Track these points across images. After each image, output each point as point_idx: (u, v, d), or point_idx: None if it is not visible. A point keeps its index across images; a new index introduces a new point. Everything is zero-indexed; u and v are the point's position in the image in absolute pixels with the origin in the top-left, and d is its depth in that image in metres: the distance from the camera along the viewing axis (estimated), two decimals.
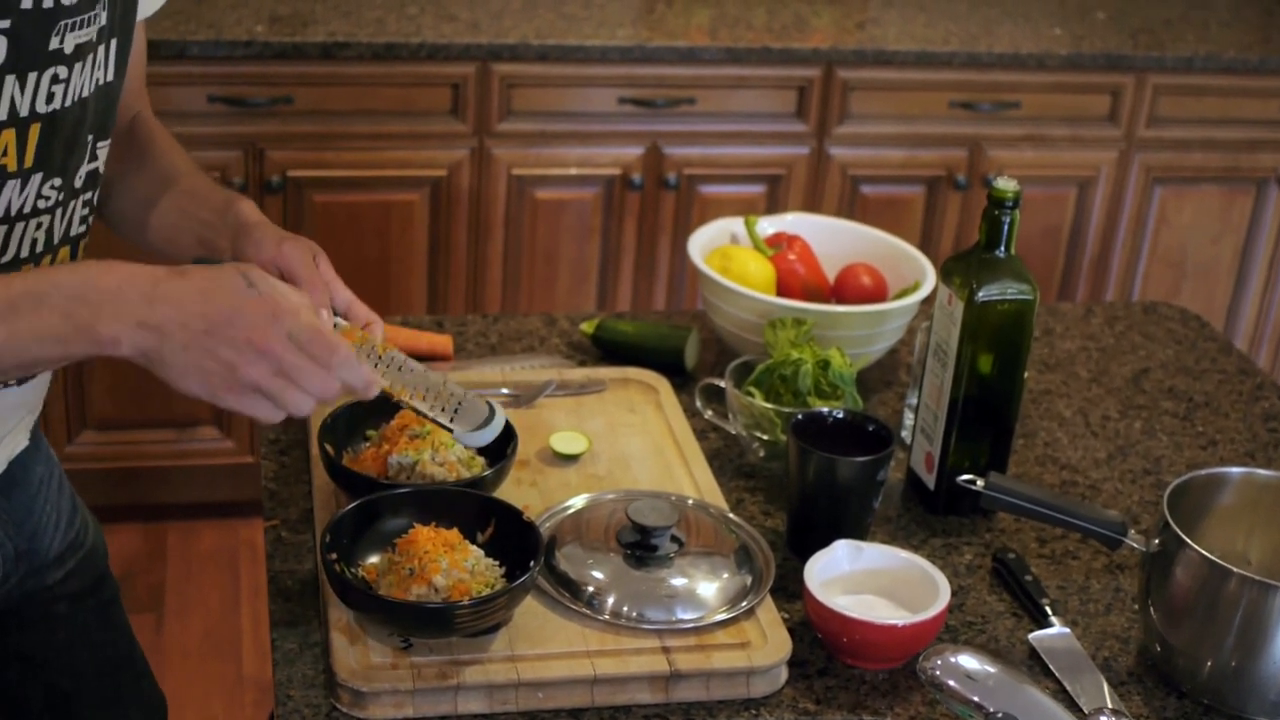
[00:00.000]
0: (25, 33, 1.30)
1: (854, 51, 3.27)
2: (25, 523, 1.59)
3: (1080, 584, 1.66)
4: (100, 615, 1.74)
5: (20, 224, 1.37)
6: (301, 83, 3.10)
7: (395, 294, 3.31)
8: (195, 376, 1.21)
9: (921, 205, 3.47)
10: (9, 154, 1.32)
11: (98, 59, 1.40)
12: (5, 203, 1.34)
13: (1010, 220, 1.67)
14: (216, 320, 1.20)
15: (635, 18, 3.37)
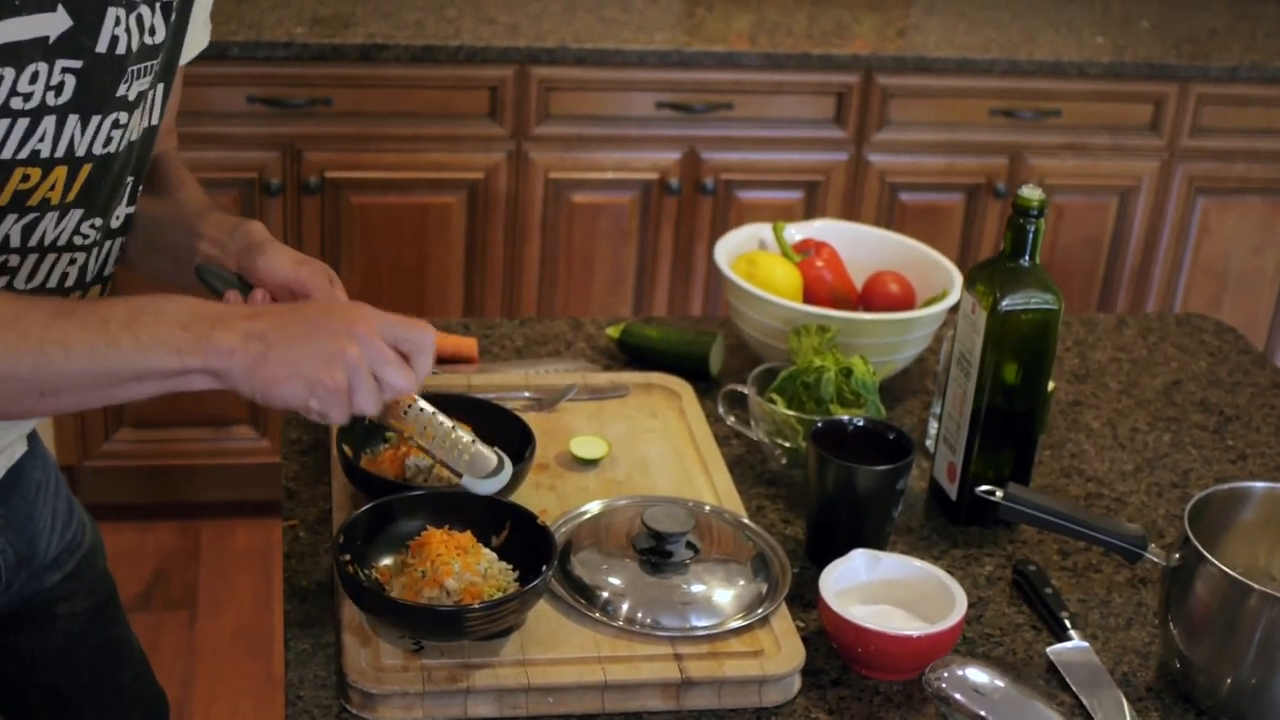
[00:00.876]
0: (95, 76, 1.31)
1: (894, 58, 3.26)
2: (24, 528, 1.59)
3: (1101, 598, 1.64)
4: (98, 615, 1.74)
5: (52, 255, 1.39)
6: (340, 84, 3.11)
7: (431, 296, 3.32)
8: (295, 372, 1.25)
9: (961, 213, 3.45)
10: (56, 188, 1.34)
11: (148, 104, 1.42)
12: (40, 233, 1.36)
13: (1035, 229, 1.65)
14: (313, 318, 1.27)
15: (674, 22, 3.37)
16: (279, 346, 1.25)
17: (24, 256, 1.37)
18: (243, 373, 1.24)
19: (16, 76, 1.25)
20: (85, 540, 1.72)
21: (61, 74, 1.29)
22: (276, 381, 1.25)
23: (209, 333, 1.24)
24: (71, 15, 1.27)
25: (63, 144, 1.32)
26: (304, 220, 3.20)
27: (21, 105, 1.27)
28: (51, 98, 1.29)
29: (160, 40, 1.39)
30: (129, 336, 1.22)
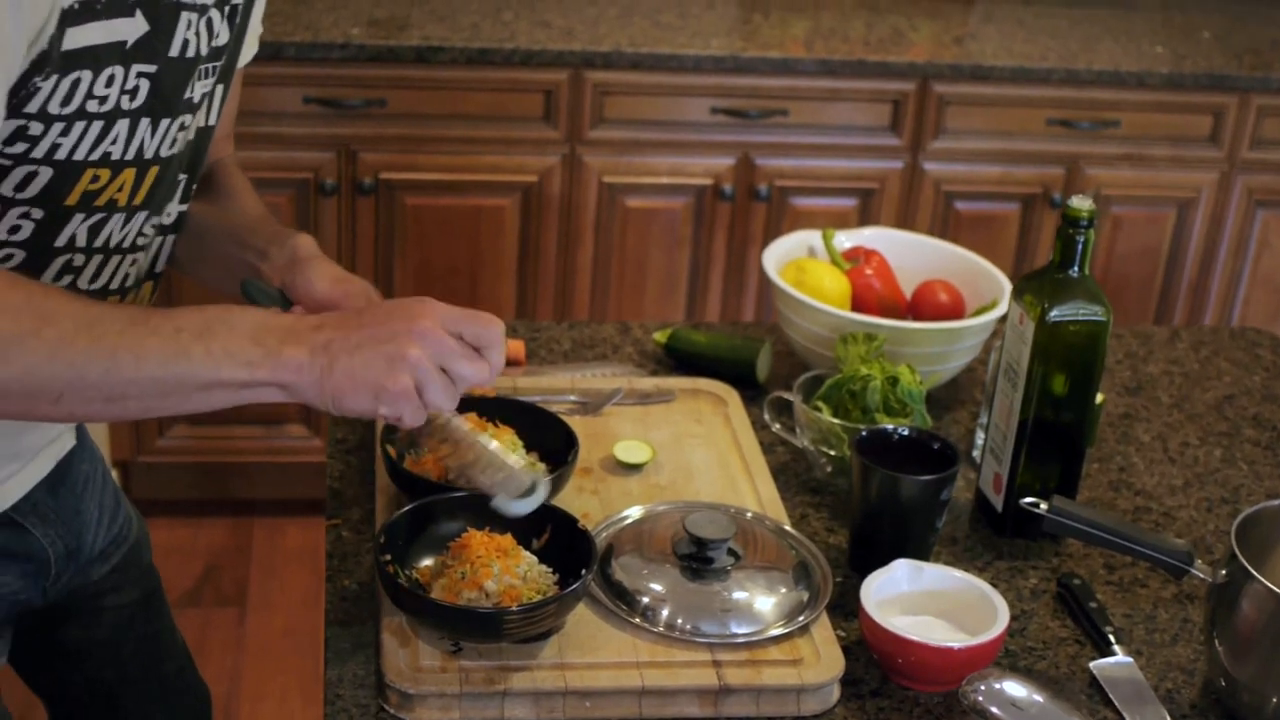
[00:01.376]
0: (167, 80, 1.33)
1: (950, 66, 3.24)
2: (72, 521, 1.60)
3: (1147, 613, 1.62)
4: (144, 608, 1.76)
5: (117, 257, 1.40)
6: (395, 85, 3.12)
7: (484, 299, 3.32)
8: (360, 380, 1.24)
9: (1016, 223, 3.42)
10: (123, 190, 1.36)
11: (208, 104, 1.44)
12: (107, 234, 1.38)
13: (1085, 239, 1.64)
14: (374, 323, 1.26)
15: (730, 28, 3.36)
16: (342, 357, 1.24)
17: (89, 257, 1.38)
18: (311, 386, 1.25)
19: (93, 80, 1.26)
20: (131, 534, 1.73)
21: (137, 78, 1.30)
22: (344, 393, 1.25)
23: (278, 347, 1.24)
24: (148, 20, 1.28)
25: (133, 147, 1.33)
26: (358, 221, 3.21)
27: (97, 108, 1.28)
28: (126, 101, 1.30)
29: (224, 42, 1.41)
30: (200, 347, 1.22)
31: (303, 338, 1.25)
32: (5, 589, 1.53)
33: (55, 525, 1.57)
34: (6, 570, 1.52)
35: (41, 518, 1.55)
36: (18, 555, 1.53)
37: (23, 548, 1.53)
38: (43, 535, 1.55)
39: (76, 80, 1.25)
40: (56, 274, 1.37)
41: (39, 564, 1.56)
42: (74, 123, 1.27)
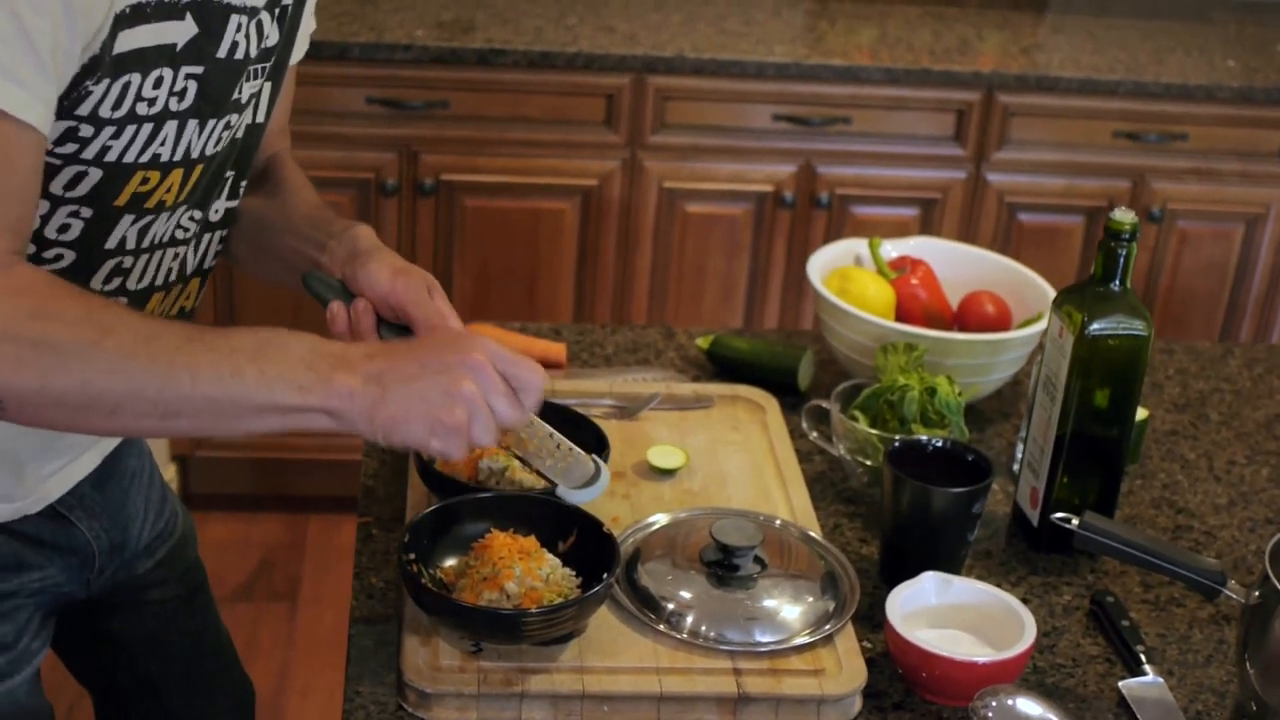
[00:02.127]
0: (215, 82, 1.34)
1: (1015, 76, 3.21)
2: (119, 515, 1.62)
3: (1182, 633, 1.60)
4: (189, 603, 1.77)
5: (159, 252, 1.41)
6: (458, 88, 3.13)
7: (542, 301, 3.33)
8: (414, 413, 1.24)
9: (1080, 236, 3.39)
10: (171, 191, 1.37)
11: (257, 104, 1.44)
12: (153, 234, 1.39)
13: (1127, 253, 1.61)
14: (427, 357, 1.27)
15: (795, 35, 3.35)
16: (396, 387, 1.24)
17: (137, 257, 1.39)
18: (362, 415, 1.24)
19: (142, 82, 1.27)
20: (177, 529, 1.75)
21: (185, 80, 1.31)
22: (396, 423, 1.25)
23: (330, 374, 1.23)
24: (198, 23, 1.29)
25: (181, 148, 1.34)
26: (418, 221, 3.23)
27: (146, 110, 1.29)
28: (175, 103, 1.31)
29: (274, 43, 1.42)
30: (254, 369, 1.22)
31: (355, 366, 1.24)
32: (48, 580, 1.54)
33: (101, 519, 1.59)
34: (50, 562, 1.54)
35: (87, 511, 1.57)
36: (61, 548, 1.54)
37: (67, 540, 1.55)
38: (87, 529, 1.57)
39: (127, 84, 1.26)
40: (107, 276, 1.38)
41: (83, 557, 1.57)
42: (125, 126, 1.28)
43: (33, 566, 1.51)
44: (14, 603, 1.50)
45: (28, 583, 1.51)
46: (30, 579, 1.51)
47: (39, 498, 1.49)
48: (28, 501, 1.48)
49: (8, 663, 1.50)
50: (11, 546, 1.48)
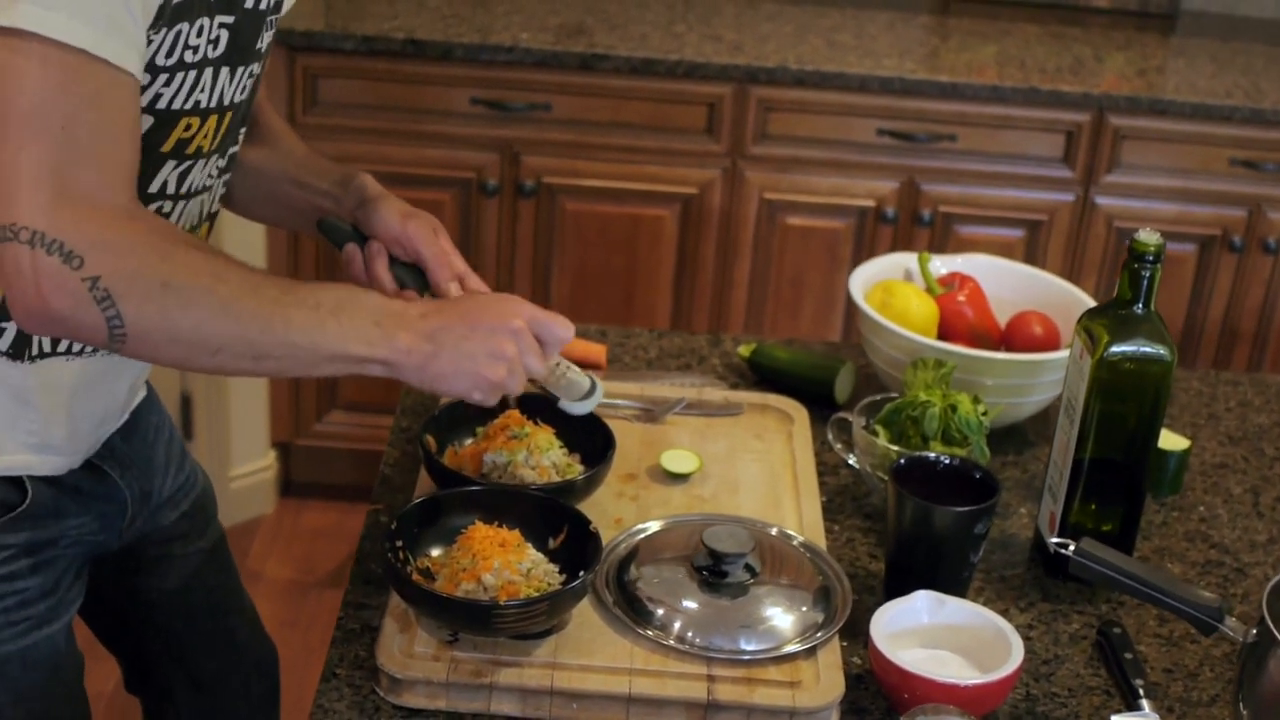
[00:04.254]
0: (243, 30, 1.43)
1: (1127, 98, 3.14)
2: (145, 466, 1.69)
3: (1190, 670, 1.55)
4: (211, 559, 1.84)
5: (195, 199, 1.50)
6: (561, 91, 3.15)
7: (639, 307, 3.34)
8: (462, 369, 1.39)
9: (1193, 265, 3.30)
10: (208, 137, 1.46)
11: (266, 54, 1.53)
12: (191, 180, 1.47)
13: (1151, 275, 1.57)
14: (475, 319, 1.41)
15: (906, 50, 3.31)
16: (448, 346, 1.38)
17: (175, 202, 1.47)
18: (415, 368, 1.38)
19: (189, 30, 1.35)
20: (198, 484, 1.82)
21: (218, 29, 1.39)
22: (444, 377, 1.39)
23: (395, 331, 1.37)
24: None
25: (216, 94, 1.43)
26: (518, 222, 3.25)
27: (191, 58, 1.38)
28: (211, 51, 1.39)
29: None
30: (334, 323, 1.34)
31: (414, 325, 1.38)
32: (84, 530, 1.60)
33: (130, 469, 1.65)
34: (87, 511, 1.60)
35: (118, 462, 1.63)
36: (98, 497, 1.61)
37: (103, 490, 1.62)
38: (120, 478, 1.63)
39: (178, 32, 1.34)
40: None
41: (117, 506, 1.64)
42: (175, 74, 1.36)
43: (71, 515, 1.58)
44: (55, 552, 1.57)
45: (67, 530, 1.57)
46: (68, 527, 1.57)
47: (84, 452, 1.57)
48: (75, 456, 1.56)
49: (48, 609, 1.57)
50: (52, 496, 1.55)
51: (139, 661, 1.88)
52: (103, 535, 1.63)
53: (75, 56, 1.23)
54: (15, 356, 1.44)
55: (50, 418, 1.50)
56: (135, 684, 1.91)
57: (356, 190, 1.62)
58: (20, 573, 1.53)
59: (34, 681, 1.57)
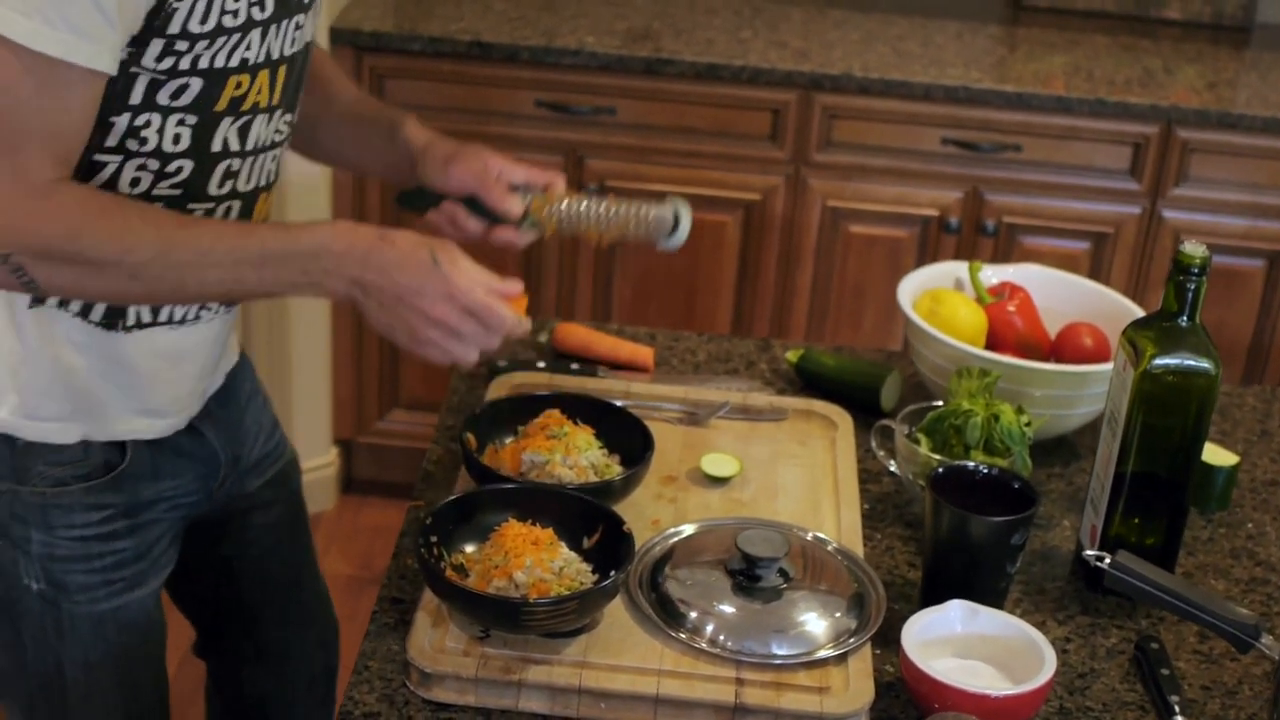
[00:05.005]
0: None
1: (1196, 111, 3.10)
2: (237, 429, 1.76)
3: (1229, 687, 1.53)
4: (290, 531, 1.91)
5: (263, 155, 1.57)
6: (625, 95, 3.16)
7: (700, 311, 3.34)
8: (385, 329, 1.48)
9: (1261, 281, 3.26)
10: (262, 92, 1.51)
11: (317, 6, 1.57)
12: (255, 135, 1.53)
13: (1196, 287, 1.56)
14: (405, 293, 1.45)
15: (973, 59, 3.29)
16: (374, 302, 1.46)
17: (243, 159, 1.53)
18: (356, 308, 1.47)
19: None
20: (284, 456, 1.88)
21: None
22: (371, 324, 1.49)
23: (321, 280, 1.45)
24: None
25: (263, 50, 1.48)
26: None
27: (232, 23, 1.43)
28: (257, 13, 1.45)
29: None
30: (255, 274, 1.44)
31: (346, 272, 1.45)
32: (181, 490, 1.68)
33: (224, 432, 1.73)
34: (186, 471, 1.68)
35: (214, 424, 1.71)
36: (194, 458, 1.69)
37: (201, 451, 1.69)
38: (215, 439, 1.71)
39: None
40: (220, 180, 1.53)
41: (210, 467, 1.71)
42: (215, 39, 1.42)
43: (168, 475, 1.65)
44: (152, 514, 1.65)
45: (163, 493, 1.65)
46: (165, 489, 1.65)
47: (188, 413, 1.66)
48: (180, 418, 1.65)
49: (140, 572, 1.65)
50: (151, 457, 1.63)
51: (211, 626, 1.95)
52: (196, 497, 1.71)
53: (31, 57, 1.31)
54: (109, 327, 1.53)
55: (153, 384, 1.58)
56: (205, 648, 1.99)
57: (404, 149, 1.70)
58: (119, 533, 1.61)
59: (124, 643, 1.65)
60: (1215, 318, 3.23)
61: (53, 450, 1.56)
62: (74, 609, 1.60)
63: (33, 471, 1.56)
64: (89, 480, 1.58)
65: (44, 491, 1.56)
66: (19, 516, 1.57)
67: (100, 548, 1.60)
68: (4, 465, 1.56)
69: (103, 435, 1.58)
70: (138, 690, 1.71)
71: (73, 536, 1.58)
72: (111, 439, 1.58)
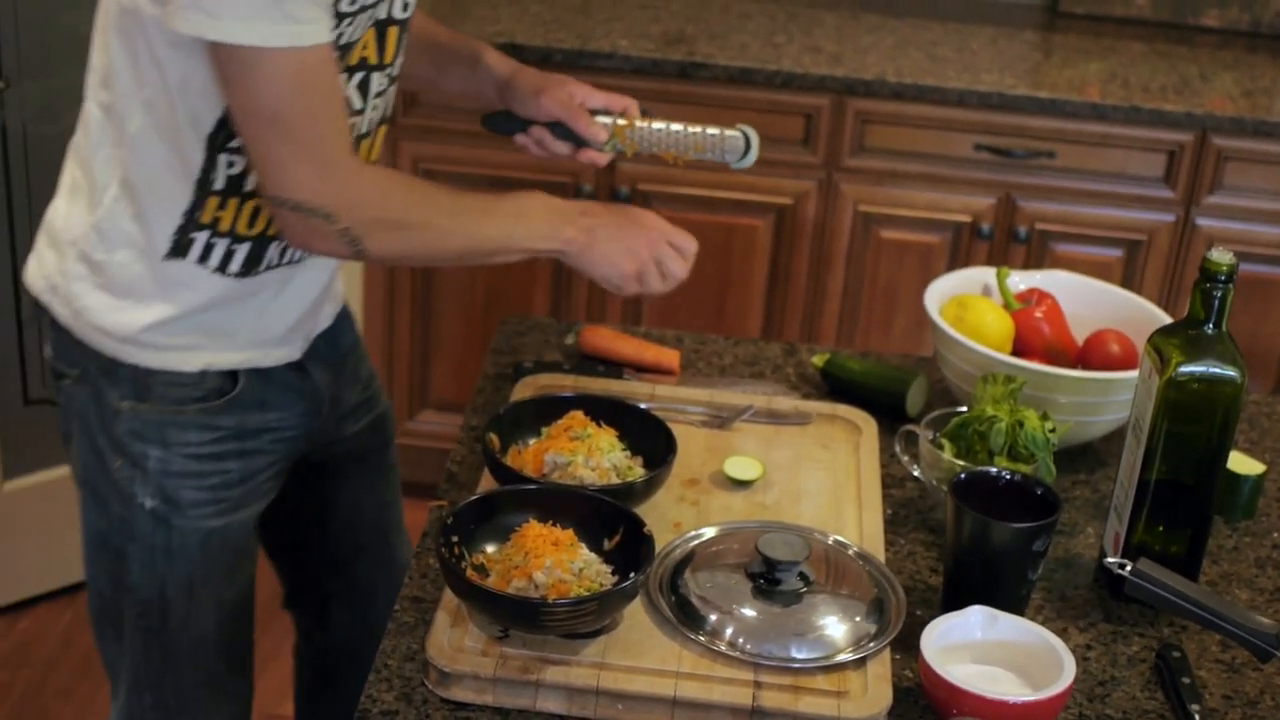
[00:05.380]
0: None
1: (1231, 119, 3.08)
2: (338, 373, 1.87)
3: (1250, 698, 1.52)
4: (383, 479, 2.03)
5: (373, 111, 1.71)
6: (658, 98, 3.14)
7: (731, 315, 3.34)
8: (613, 258, 1.71)
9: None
10: (369, 48, 1.65)
11: None
12: (371, 91, 1.69)
13: (1223, 295, 1.55)
14: (625, 224, 1.74)
15: (1007, 65, 3.28)
16: (601, 237, 1.70)
17: (361, 115, 1.69)
18: (576, 254, 1.70)
19: None
20: (379, 406, 2.00)
21: None
22: (596, 263, 1.71)
23: (561, 227, 1.69)
24: None
25: (383, 9, 1.63)
26: None
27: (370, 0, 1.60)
28: None
29: None
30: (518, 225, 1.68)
31: (576, 220, 1.70)
32: (285, 423, 1.79)
33: (328, 373, 1.84)
34: (292, 407, 1.79)
35: (320, 362, 1.83)
36: (302, 394, 1.80)
37: (308, 388, 1.81)
38: (319, 378, 1.82)
39: None
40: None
41: (313, 405, 1.82)
42: (357, 16, 1.58)
43: (274, 408, 1.77)
44: (258, 444, 1.77)
45: (270, 423, 1.77)
46: (271, 419, 1.77)
47: (298, 347, 1.78)
48: (292, 348, 1.78)
49: (245, 494, 1.77)
50: (260, 387, 1.75)
51: (302, 575, 2.06)
52: (298, 432, 1.82)
53: (297, 55, 1.50)
54: (244, 274, 1.68)
55: (266, 317, 1.73)
56: (293, 600, 2.11)
57: (487, 77, 1.89)
58: (228, 454, 1.74)
59: (226, 562, 1.78)
60: (1248, 327, 3.22)
61: (173, 375, 1.69)
62: (184, 524, 1.73)
63: (154, 392, 1.69)
64: (204, 403, 1.71)
65: (163, 410, 1.70)
66: (138, 434, 1.70)
67: (211, 466, 1.73)
68: (127, 386, 1.69)
69: (220, 365, 1.71)
70: (232, 616, 1.83)
71: (187, 454, 1.71)
72: (227, 368, 1.72)
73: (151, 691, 1.81)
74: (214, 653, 1.82)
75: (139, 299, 1.66)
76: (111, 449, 1.71)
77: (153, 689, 1.81)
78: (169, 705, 1.82)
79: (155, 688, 1.81)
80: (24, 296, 1.83)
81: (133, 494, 1.71)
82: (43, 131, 2.83)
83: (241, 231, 1.66)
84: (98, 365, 1.70)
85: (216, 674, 1.84)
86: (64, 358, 1.73)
